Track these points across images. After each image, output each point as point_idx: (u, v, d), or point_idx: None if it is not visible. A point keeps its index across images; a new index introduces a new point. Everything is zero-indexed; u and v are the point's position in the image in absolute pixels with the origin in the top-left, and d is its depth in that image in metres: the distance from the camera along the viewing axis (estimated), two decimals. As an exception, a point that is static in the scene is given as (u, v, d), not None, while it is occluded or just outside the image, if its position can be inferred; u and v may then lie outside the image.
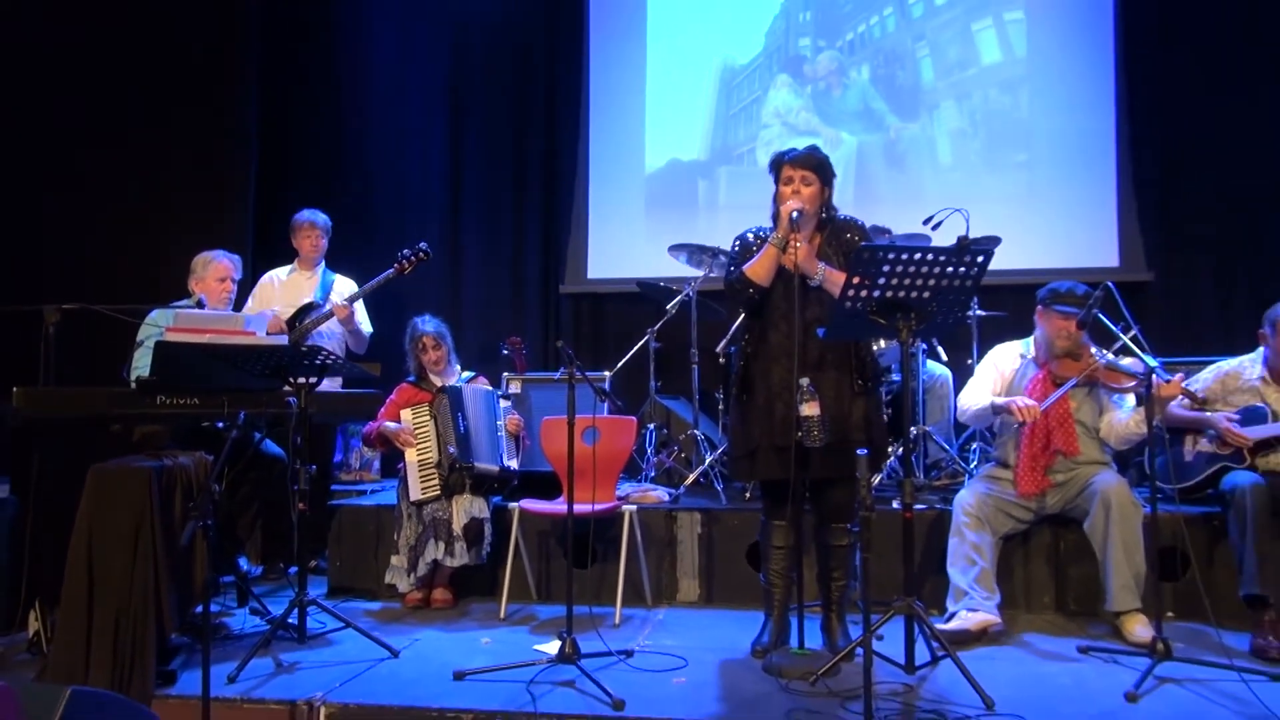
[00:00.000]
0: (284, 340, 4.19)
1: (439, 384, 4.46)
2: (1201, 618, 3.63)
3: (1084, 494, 3.78)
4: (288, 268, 5.12)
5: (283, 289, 5.04)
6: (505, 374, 5.14)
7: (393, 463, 5.14)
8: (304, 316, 4.85)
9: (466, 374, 4.61)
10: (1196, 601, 3.61)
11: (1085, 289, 3.78)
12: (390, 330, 5.21)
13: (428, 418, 4.34)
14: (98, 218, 6.09)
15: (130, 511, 3.21)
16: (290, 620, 3.65)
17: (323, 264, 5.11)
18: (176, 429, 3.79)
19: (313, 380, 3.65)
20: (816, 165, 3.31)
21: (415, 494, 4.23)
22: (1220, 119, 5.77)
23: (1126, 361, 3.71)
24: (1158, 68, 5.87)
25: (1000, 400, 3.84)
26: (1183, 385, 3.47)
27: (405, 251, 4.87)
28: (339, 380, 4.42)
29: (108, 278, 5.68)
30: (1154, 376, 3.34)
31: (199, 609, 3.30)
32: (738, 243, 3.43)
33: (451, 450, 4.23)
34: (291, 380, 3.62)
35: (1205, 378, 4.03)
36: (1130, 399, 3.77)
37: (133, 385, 3.64)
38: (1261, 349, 3.94)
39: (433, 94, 6.64)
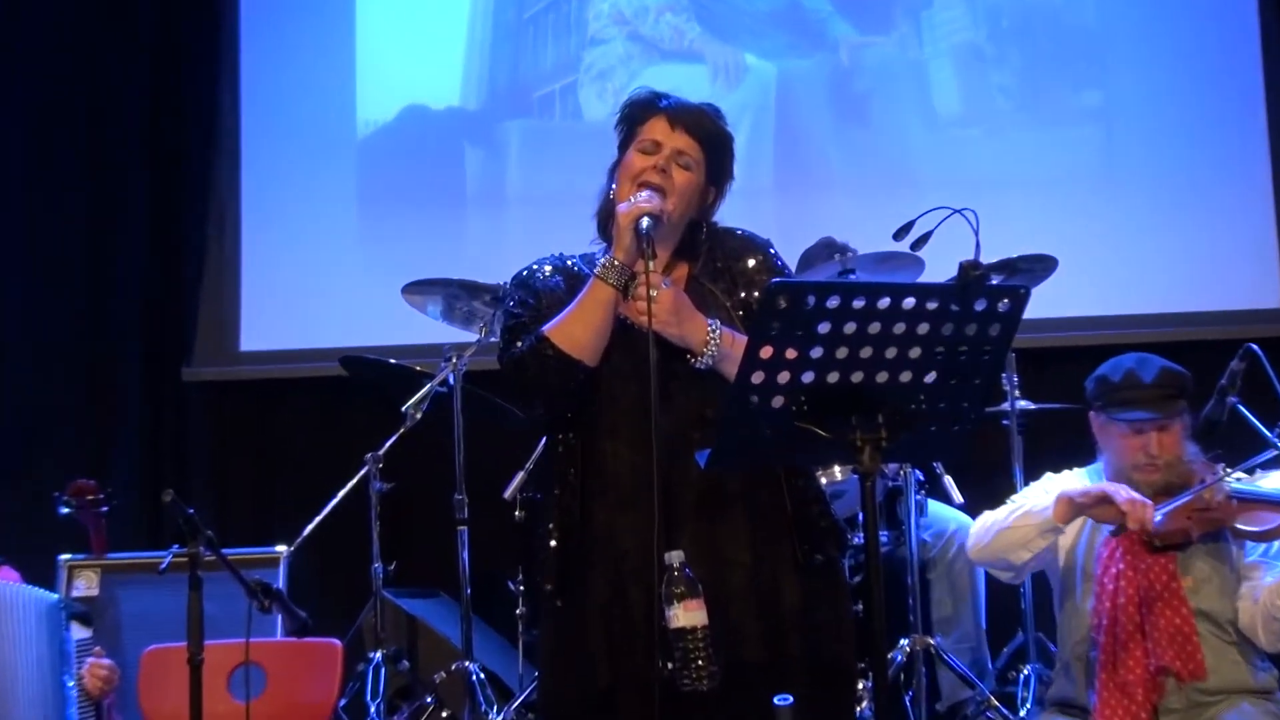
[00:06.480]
0: None
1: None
2: None
3: None
4: None
5: None
6: (63, 557, 3.20)
7: None
8: None
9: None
10: None
11: (1163, 365, 2.41)
12: None
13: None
14: None
15: None
16: None
17: None
18: None
19: None
20: (709, 135, 2.00)
21: None
22: None
23: (1273, 486, 2.34)
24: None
25: (1076, 494, 2.28)
26: None
27: None
28: None
29: None
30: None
31: None
32: (517, 290, 2.11)
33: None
34: None
35: None
36: None
37: None
38: None
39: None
